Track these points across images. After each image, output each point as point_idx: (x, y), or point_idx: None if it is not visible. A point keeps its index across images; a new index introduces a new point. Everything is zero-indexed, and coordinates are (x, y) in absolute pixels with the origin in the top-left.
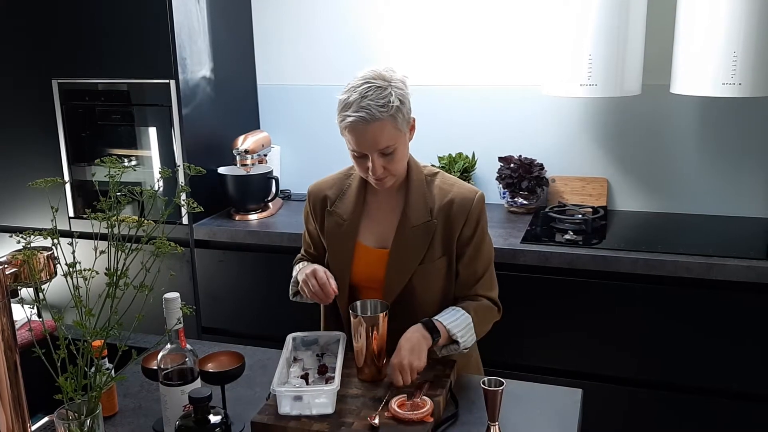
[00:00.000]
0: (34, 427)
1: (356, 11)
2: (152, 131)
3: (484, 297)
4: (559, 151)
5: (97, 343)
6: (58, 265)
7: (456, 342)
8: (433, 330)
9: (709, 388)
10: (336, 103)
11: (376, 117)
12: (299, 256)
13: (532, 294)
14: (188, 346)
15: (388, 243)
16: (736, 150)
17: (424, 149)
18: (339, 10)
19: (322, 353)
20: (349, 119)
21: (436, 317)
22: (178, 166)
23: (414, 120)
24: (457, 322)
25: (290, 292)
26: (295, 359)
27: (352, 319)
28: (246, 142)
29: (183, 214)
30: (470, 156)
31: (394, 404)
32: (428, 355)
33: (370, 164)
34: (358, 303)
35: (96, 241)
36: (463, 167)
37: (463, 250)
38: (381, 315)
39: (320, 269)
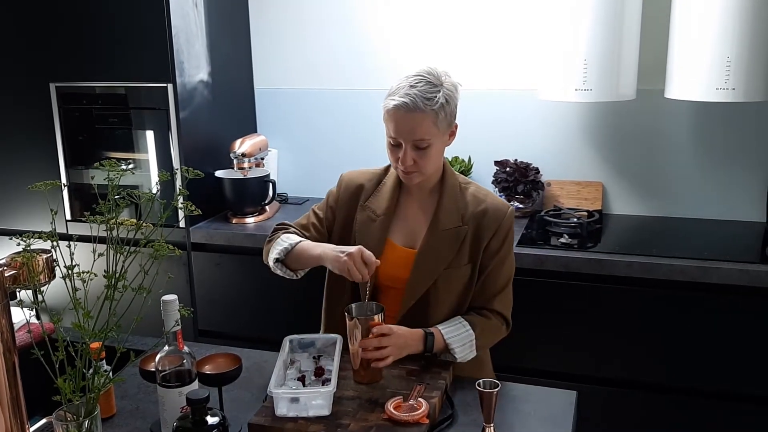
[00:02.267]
0: (32, 429)
1: (354, 15)
2: (150, 134)
3: (498, 313)
4: (554, 155)
5: (96, 344)
6: (56, 268)
7: (453, 354)
8: (428, 344)
9: (704, 390)
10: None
11: (419, 107)
12: (289, 230)
13: (527, 297)
14: (186, 348)
15: (417, 243)
16: (729, 154)
17: None
18: (336, 14)
19: (318, 355)
20: (393, 103)
21: (440, 326)
22: (176, 169)
23: (456, 126)
24: (458, 337)
25: (272, 258)
26: (292, 361)
27: (347, 321)
28: (243, 145)
29: (180, 217)
30: (466, 160)
31: (390, 406)
32: (422, 356)
33: (401, 155)
34: (354, 305)
35: (94, 244)
36: (459, 171)
37: (488, 261)
38: (377, 317)
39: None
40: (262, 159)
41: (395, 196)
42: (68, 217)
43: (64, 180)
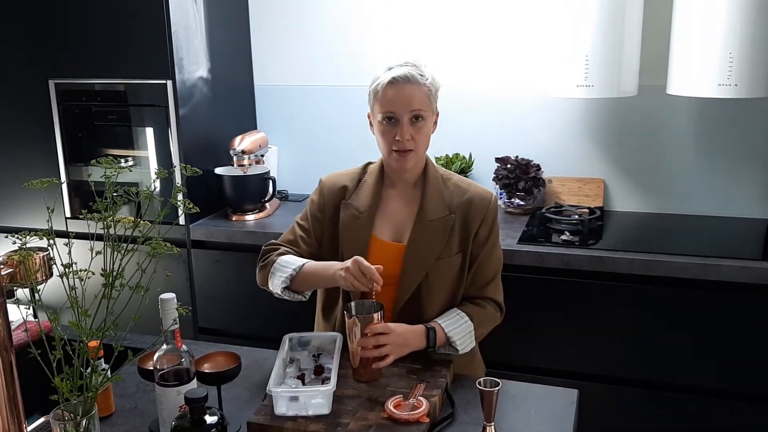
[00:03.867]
0: (30, 428)
1: (353, 12)
2: (149, 131)
3: (492, 300)
4: (555, 151)
5: (93, 343)
6: (54, 266)
7: (454, 347)
8: (431, 339)
9: (705, 387)
10: (330, 102)
11: (416, 79)
12: (281, 250)
13: (528, 294)
14: (184, 346)
15: (405, 237)
16: (731, 151)
17: None
18: (336, 11)
19: (318, 354)
20: (390, 75)
21: (439, 320)
22: (175, 166)
23: (437, 115)
24: (458, 330)
25: (279, 287)
26: (292, 360)
27: (347, 319)
28: (243, 142)
29: (179, 215)
30: (467, 157)
31: (390, 404)
32: (423, 354)
33: (398, 131)
34: (353, 303)
35: (92, 242)
36: (460, 168)
37: (478, 251)
38: (376, 315)
39: (361, 259)
40: (262, 156)
41: (378, 191)
42: (68, 214)
43: (63, 177)
